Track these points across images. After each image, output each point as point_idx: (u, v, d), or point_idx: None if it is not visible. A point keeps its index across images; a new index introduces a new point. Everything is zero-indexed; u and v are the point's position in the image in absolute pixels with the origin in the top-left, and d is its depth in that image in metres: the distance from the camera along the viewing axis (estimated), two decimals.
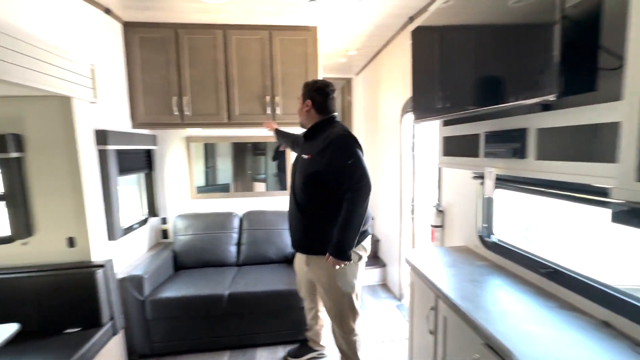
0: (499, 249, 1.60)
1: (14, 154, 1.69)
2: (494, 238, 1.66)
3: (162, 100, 2.47)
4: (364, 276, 1.86)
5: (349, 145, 1.58)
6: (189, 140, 2.91)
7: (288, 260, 2.74)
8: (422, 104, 1.70)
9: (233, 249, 2.75)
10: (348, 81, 4.41)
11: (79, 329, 1.76)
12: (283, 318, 2.31)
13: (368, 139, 4.00)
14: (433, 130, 2.49)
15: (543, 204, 1.49)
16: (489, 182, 1.28)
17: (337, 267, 1.59)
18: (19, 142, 1.72)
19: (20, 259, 1.80)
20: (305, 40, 2.54)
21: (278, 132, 2.31)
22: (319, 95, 1.71)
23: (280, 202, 3.04)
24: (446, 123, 1.68)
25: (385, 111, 3.26)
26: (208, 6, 2.16)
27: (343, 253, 1.55)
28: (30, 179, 1.77)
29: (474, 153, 1.41)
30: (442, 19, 1.47)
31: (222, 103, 2.51)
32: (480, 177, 1.65)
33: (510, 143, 1.17)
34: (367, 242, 1.76)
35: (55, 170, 1.77)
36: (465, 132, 1.49)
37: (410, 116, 2.46)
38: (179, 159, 2.92)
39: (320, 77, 2.62)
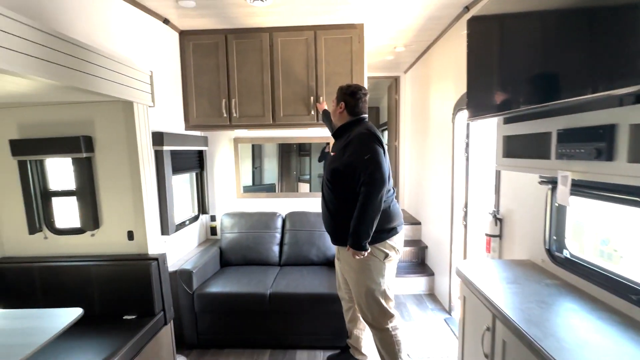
0: (573, 266, 1.37)
1: (85, 154, 1.88)
2: (566, 253, 1.43)
3: (212, 102, 2.58)
4: (392, 277, 1.84)
5: (368, 142, 1.65)
6: (236, 141, 3.01)
7: (329, 263, 2.69)
8: (478, 100, 1.53)
9: (276, 248, 2.78)
10: (395, 79, 4.24)
11: (134, 316, 1.89)
12: (323, 322, 2.27)
13: (417, 138, 3.80)
14: (490, 129, 2.27)
15: (628, 214, 1.25)
16: (563, 188, 1.09)
17: (357, 257, 1.67)
18: (89, 143, 1.91)
19: (89, 248, 1.99)
20: (351, 38, 2.48)
21: (325, 114, 2.36)
22: (352, 98, 1.80)
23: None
24: (507, 120, 1.49)
25: (436, 109, 3.06)
26: (255, 10, 2.20)
27: (358, 244, 1.63)
28: (98, 176, 1.95)
29: (543, 154, 1.22)
30: (505, 6, 1.31)
31: (268, 105, 2.55)
32: (550, 182, 1.44)
33: (593, 142, 0.98)
34: (395, 241, 1.77)
35: (118, 169, 1.93)
36: (532, 131, 1.30)
37: (464, 114, 2.27)
38: (227, 159, 3.04)
39: (365, 76, 2.54)
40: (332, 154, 1.88)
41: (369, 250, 1.66)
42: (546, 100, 1.05)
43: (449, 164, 2.73)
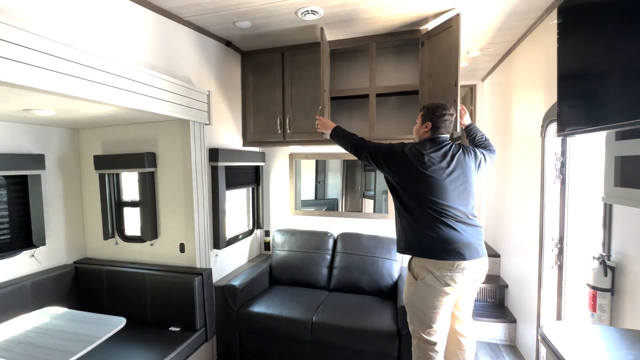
0: None
1: (148, 169, 2.03)
2: None
3: (268, 119, 2.61)
4: (427, 303, 1.60)
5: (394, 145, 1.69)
6: (292, 157, 2.99)
7: (382, 294, 2.41)
8: (575, 108, 1.15)
9: (325, 271, 2.61)
10: (471, 88, 3.76)
11: (179, 328, 1.93)
12: None
13: (496, 156, 3.25)
14: (593, 146, 1.76)
15: None
16: None
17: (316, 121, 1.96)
18: (152, 159, 2.06)
19: (147, 257, 2.14)
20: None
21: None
22: (435, 116, 1.70)
23: (379, 225, 2.75)
24: (623, 135, 1.08)
25: (521, 121, 2.55)
26: (308, 24, 2.15)
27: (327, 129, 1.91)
28: (158, 190, 2.09)
29: None
30: None
31: None
32: None
33: None
34: (436, 266, 1.55)
35: (174, 184, 2.04)
36: None
37: (555, 127, 1.80)
38: (282, 175, 3.04)
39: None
40: None
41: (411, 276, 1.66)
42: None
43: (537, 187, 2.21)
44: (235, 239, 2.61)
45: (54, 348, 1.29)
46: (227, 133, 2.50)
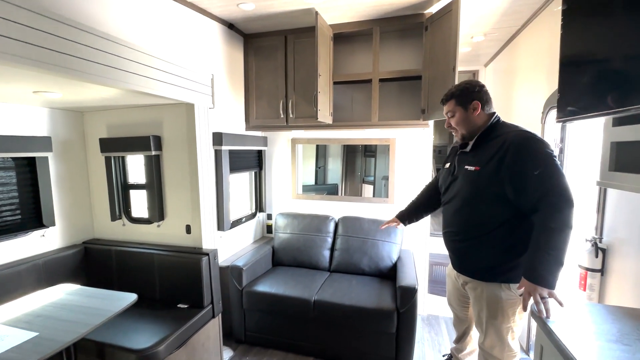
0: None
1: (154, 152, 2.06)
2: None
3: (271, 103, 2.62)
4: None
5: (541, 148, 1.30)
6: (294, 141, 3.01)
7: (382, 275, 2.49)
8: (576, 93, 1.18)
9: (326, 253, 2.69)
10: (473, 74, 3.75)
11: (187, 306, 2.01)
12: (370, 340, 2.09)
13: None
14: (591, 132, 1.80)
15: None
16: None
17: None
18: (158, 142, 2.09)
19: (154, 238, 2.20)
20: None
21: (408, 216, 1.92)
22: (481, 92, 1.45)
23: (380, 209, 2.82)
24: (620, 122, 1.11)
25: (522, 108, 2.58)
26: (312, 7, 2.13)
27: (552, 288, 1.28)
28: (164, 173, 2.12)
29: None
30: None
31: None
32: None
33: None
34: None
35: (180, 167, 2.08)
36: None
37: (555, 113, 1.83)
38: (284, 159, 3.07)
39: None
40: (474, 168, 1.43)
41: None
42: None
43: None
44: (238, 222, 2.67)
45: (72, 320, 1.36)
46: (231, 117, 2.52)
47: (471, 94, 1.45)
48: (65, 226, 2.15)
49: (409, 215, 1.91)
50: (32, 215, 1.96)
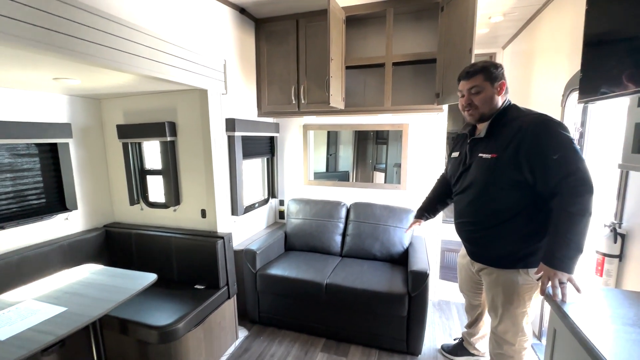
0: None
1: (169, 138, 2.10)
2: None
3: (283, 89, 2.61)
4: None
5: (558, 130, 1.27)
6: (306, 127, 3.01)
7: (393, 260, 2.51)
8: (600, 73, 1.14)
9: (338, 238, 2.72)
10: (490, 57, 3.63)
11: (204, 287, 2.08)
12: (380, 323, 2.13)
13: None
14: (611, 116, 1.73)
15: None
16: None
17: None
18: (173, 128, 2.13)
19: (171, 222, 2.27)
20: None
21: (425, 212, 1.95)
22: (503, 73, 1.44)
23: (391, 195, 2.81)
24: None
25: (541, 90, 2.49)
26: None
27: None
28: (179, 158, 2.17)
29: None
30: None
31: None
32: None
33: None
34: None
35: (195, 152, 2.11)
36: None
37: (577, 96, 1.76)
38: (296, 146, 3.08)
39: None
40: (490, 156, 1.38)
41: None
42: None
43: None
44: (252, 207, 2.72)
45: (97, 297, 1.44)
46: (243, 103, 2.53)
47: (499, 72, 1.42)
48: (87, 210, 2.24)
49: (426, 211, 1.93)
50: (55, 199, 2.04)
